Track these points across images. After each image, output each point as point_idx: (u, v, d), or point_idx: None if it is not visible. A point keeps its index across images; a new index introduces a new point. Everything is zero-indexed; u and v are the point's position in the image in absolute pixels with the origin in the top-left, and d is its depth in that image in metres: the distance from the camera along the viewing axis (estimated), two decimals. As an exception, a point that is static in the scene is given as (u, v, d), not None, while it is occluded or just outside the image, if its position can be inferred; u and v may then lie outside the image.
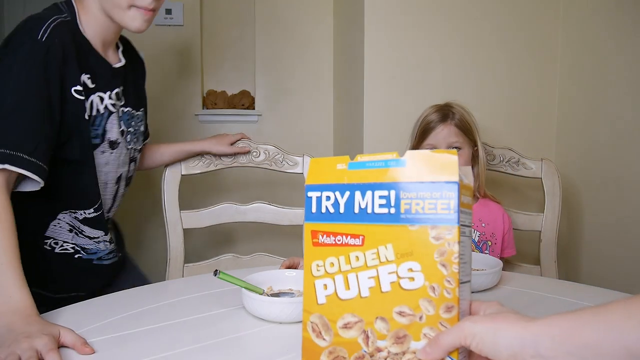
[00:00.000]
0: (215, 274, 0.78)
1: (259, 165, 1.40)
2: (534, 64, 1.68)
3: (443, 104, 1.29)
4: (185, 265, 1.33)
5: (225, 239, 1.96)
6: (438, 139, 1.25)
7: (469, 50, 1.64)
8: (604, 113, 1.49)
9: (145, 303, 0.85)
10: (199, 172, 1.38)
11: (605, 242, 1.50)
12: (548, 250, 1.37)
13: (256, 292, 0.79)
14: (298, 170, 1.38)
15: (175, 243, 1.32)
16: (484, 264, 0.97)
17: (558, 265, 1.38)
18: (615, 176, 1.45)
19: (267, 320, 0.76)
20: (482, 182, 1.31)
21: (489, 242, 1.27)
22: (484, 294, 0.89)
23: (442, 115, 1.26)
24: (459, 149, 1.24)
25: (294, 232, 1.42)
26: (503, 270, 0.95)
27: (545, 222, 1.37)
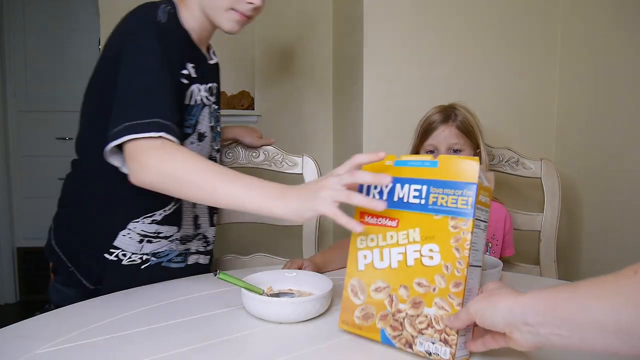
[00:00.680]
0: (215, 274, 0.79)
1: (259, 166, 1.40)
2: (534, 64, 1.68)
3: (447, 104, 1.28)
4: (185, 265, 1.33)
5: (225, 239, 1.96)
6: (439, 139, 1.23)
7: (468, 50, 1.64)
8: (603, 113, 1.49)
9: (145, 303, 0.85)
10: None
11: (604, 242, 1.50)
12: (547, 250, 1.37)
13: (256, 292, 0.79)
14: (298, 170, 1.38)
15: (175, 243, 1.32)
16: (484, 264, 0.97)
17: (557, 265, 1.38)
18: (615, 176, 1.45)
19: (267, 320, 0.77)
20: None
21: (489, 244, 1.27)
22: (483, 293, 0.89)
23: (444, 116, 1.24)
24: (460, 151, 1.23)
25: (294, 233, 1.42)
26: (502, 270, 0.95)
27: (544, 222, 1.38)
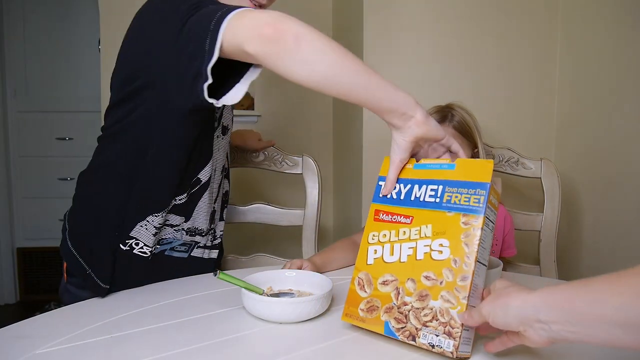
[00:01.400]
0: (215, 274, 0.79)
1: (259, 166, 1.40)
2: (534, 64, 1.68)
3: (444, 105, 1.28)
4: (185, 265, 1.33)
5: (225, 239, 1.96)
6: None
7: (468, 50, 1.64)
8: (603, 113, 1.49)
9: (145, 303, 0.85)
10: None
11: (604, 242, 1.50)
12: (548, 250, 1.37)
13: (256, 292, 0.79)
14: (297, 170, 1.38)
15: (175, 243, 1.32)
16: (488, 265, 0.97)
17: (557, 265, 1.38)
18: (615, 176, 1.45)
19: (267, 320, 0.77)
20: None
21: None
22: (483, 293, 0.89)
23: (441, 117, 1.24)
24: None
25: (294, 233, 1.42)
26: (503, 270, 0.95)
27: (544, 222, 1.37)
